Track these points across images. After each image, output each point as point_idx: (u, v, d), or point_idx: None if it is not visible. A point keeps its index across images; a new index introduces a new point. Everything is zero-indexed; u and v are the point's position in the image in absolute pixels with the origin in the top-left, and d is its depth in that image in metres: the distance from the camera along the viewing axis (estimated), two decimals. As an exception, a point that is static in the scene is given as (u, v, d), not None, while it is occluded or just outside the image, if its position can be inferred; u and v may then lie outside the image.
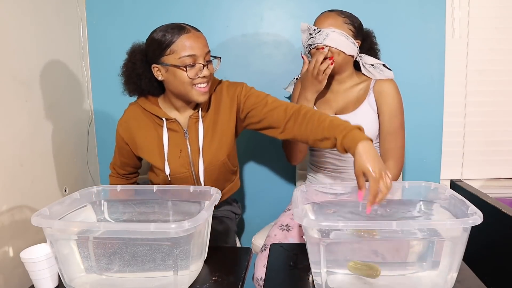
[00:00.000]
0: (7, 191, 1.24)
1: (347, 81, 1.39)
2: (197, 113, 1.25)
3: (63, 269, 0.91)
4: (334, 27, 1.30)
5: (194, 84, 1.16)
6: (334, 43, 1.29)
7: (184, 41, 1.13)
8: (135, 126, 1.29)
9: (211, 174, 1.28)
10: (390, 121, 1.33)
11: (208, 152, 1.25)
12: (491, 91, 1.78)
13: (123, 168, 1.42)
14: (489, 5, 1.73)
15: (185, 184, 1.27)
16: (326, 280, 0.86)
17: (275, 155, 1.80)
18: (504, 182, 1.83)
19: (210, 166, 1.27)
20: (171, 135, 1.25)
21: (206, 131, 1.26)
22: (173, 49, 1.13)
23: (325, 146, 1.13)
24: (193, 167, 1.27)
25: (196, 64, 1.14)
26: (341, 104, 1.38)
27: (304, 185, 1.11)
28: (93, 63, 1.82)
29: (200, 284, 0.93)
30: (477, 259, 1.09)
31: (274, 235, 1.31)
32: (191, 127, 1.25)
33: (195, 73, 1.15)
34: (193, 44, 1.14)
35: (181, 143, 1.26)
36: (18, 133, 1.31)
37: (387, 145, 1.34)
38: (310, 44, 1.33)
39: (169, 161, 1.25)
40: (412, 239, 0.89)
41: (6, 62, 1.26)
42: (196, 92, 1.17)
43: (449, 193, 0.97)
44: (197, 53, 1.14)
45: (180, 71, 1.14)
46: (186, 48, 1.13)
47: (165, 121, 1.24)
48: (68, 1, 1.67)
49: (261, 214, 1.86)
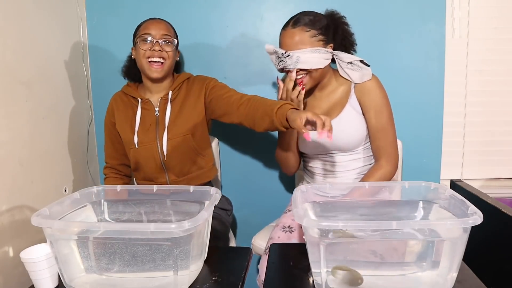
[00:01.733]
0: (7, 191, 1.24)
1: (327, 86, 1.37)
2: (167, 96, 1.44)
3: (63, 269, 0.91)
4: (303, 46, 1.25)
5: (149, 60, 1.37)
6: (307, 65, 1.25)
7: (146, 24, 1.40)
8: (116, 108, 1.49)
9: (173, 147, 1.42)
10: (376, 118, 1.30)
11: (172, 126, 1.42)
12: (491, 91, 1.78)
13: (119, 159, 1.52)
14: (489, 5, 1.73)
15: (152, 155, 1.42)
16: (326, 280, 0.86)
17: (273, 155, 1.80)
18: (504, 182, 1.83)
19: (173, 138, 1.41)
20: (143, 113, 1.44)
21: (173, 110, 1.44)
22: (139, 31, 1.40)
23: (265, 123, 1.23)
24: (159, 141, 1.42)
25: (149, 40, 1.37)
26: (324, 109, 1.37)
27: (304, 185, 1.11)
28: (93, 63, 1.82)
29: (200, 284, 0.93)
30: (477, 259, 1.09)
31: (278, 237, 1.30)
32: (161, 107, 1.44)
33: (148, 47, 1.37)
34: (151, 25, 1.39)
35: (151, 120, 1.44)
36: (18, 133, 1.31)
37: (377, 143, 1.32)
38: (282, 68, 1.30)
39: (138, 133, 1.43)
40: (412, 239, 0.89)
41: (6, 62, 1.26)
42: (150, 68, 1.38)
43: (449, 193, 0.97)
44: (152, 32, 1.37)
45: (138, 47, 1.38)
46: (144, 28, 1.39)
47: (140, 101, 1.45)
48: (68, 1, 1.67)
49: (261, 214, 1.86)
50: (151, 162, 1.43)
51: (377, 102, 1.30)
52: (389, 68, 1.68)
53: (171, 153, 1.42)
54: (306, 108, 1.41)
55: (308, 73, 1.28)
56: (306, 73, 1.28)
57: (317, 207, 1.07)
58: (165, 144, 1.41)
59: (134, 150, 1.44)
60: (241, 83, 1.79)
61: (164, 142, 1.41)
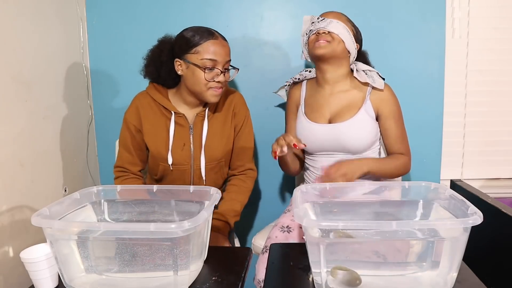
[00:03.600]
0: (7, 191, 1.24)
1: (341, 82, 1.38)
2: (203, 112, 1.34)
3: (63, 269, 0.91)
4: (338, 20, 1.32)
5: (209, 86, 1.25)
6: (336, 30, 1.30)
7: (209, 45, 1.24)
8: (143, 114, 1.34)
9: (210, 170, 1.36)
10: (396, 125, 1.36)
11: (209, 148, 1.33)
12: (491, 91, 1.78)
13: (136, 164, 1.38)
14: (489, 5, 1.73)
15: (184, 177, 1.36)
16: (326, 280, 0.86)
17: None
18: (504, 182, 1.83)
19: (210, 163, 1.34)
20: (177, 129, 1.33)
21: (210, 129, 1.34)
22: (198, 50, 1.24)
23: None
24: (193, 161, 1.33)
25: (215, 69, 1.25)
26: (334, 109, 1.37)
27: (304, 185, 1.11)
28: (93, 63, 1.82)
29: (200, 284, 0.93)
30: (477, 259, 1.09)
31: (275, 237, 1.30)
32: (197, 124, 1.34)
33: (212, 76, 1.25)
34: (217, 50, 1.24)
35: (185, 137, 1.33)
36: (18, 133, 1.31)
37: (398, 146, 1.37)
38: (311, 29, 1.33)
39: (172, 152, 1.31)
40: (412, 239, 0.89)
41: (6, 62, 1.26)
42: (209, 93, 1.27)
43: (449, 193, 0.97)
44: (218, 59, 1.24)
45: (199, 71, 1.24)
46: (210, 52, 1.23)
47: (173, 114, 1.32)
48: (68, 1, 1.67)
49: (261, 214, 1.87)
50: (180, 182, 1.36)
51: (395, 110, 1.36)
52: (389, 68, 1.67)
53: (208, 175, 1.35)
54: (314, 107, 1.41)
55: (331, 40, 1.30)
56: (330, 40, 1.30)
57: (317, 207, 1.07)
58: (203, 167, 1.33)
59: (166, 168, 1.34)
60: (241, 83, 1.79)
61: (202, 165, 1.33)
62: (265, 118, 1.80)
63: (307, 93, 1.46)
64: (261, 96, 1.79)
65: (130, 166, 1.38)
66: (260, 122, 1.80)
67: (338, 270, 0.86)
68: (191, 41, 1.24)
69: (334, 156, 1.38)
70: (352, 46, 1.34)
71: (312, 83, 1.46)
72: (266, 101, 1.80)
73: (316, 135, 1.37)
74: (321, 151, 1.40)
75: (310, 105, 1.42)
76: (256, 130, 1.52)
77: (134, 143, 1.36)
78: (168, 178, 1.38)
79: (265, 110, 1.81)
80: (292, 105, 1.49)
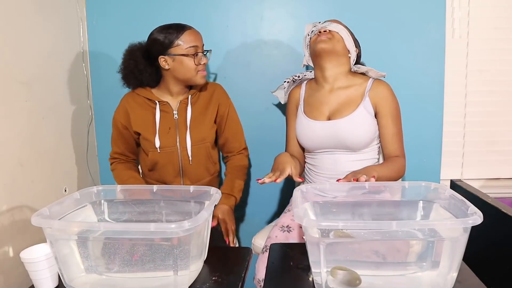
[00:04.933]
0: (7, 191, 1.24)
1: (340, 80, 1.39)
2: (187, 99, 1.47)
3: (63, 269, 0.91)
4: (338, 24, 1.39)
5: (197, 70, 1.41)
6: (336, 29, 1.36)
7: (187, 35, 1.39)
8: (130, 109, 1.47)
9: (197, 151, 1.47)
10: (394, 124, 1.35)
11: (194, 131, 1.46)
12: (491, 91, 1.78)
13: (126, 154, 1.53)
14: (489, 5, 1.73)
15: (172, 159, 1.46)
16: (326, 280, 0.86)
17: (274, 155, 1.80)
18: (504, 182, 1.83)
19: (196, 143, 1.46)
20: (162, 115, 1.46)
21: (194, 113, 1.47)
22: (179, 42, 1.38)
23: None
24: (180, 144, 1.45)
25: (199, 53, 1.40)
26: (333, 106, 1.38)
27: (304, 185, 1.11)
28: (93, 63, 1.82)
29: (200, 284, 0.93)
30: (477, 259, 1.08)
31: (275, 237, 1.31)
32: (181, 109, 1.47)
33: (198, 60, 1.40)
34: (195, 37, 1.40)
35: (170, 122, 1.46)
36: (18, 133, 1.31)
37: (394, 145, 1.36)
38: (313, 30, 1.39)
39: (160, 135, 1.44)
40: (412, 239, 0.89)
41: (6, 62, 1.26)
42: (199, 76, 1.42)
43: (449, 193, 0.97)
44: (198, 45, 1.41)
45: (187, 59, 1.39)
46: (191, 40, 1.39)
47: (158, 103, 1.46)
48: (68, 1, 1.67)
49: (261, 214, 1.87)
50: (170, 166, 1.46)
51: (393, 108, 1.36)
52: (389, 68, 1.67)
53: (194, 158, 1.46)
54: (313, 105, 1.41)
55: (332, 37, 1.34)
56: (330, 37, 1.35)
57: (317, 207, 1.07)
58: (189, 148, 1.45)
59: (155, 153, 1.45)
60: (241, 83, 1.80)
61: (188, 147, 1.45)
62: (265, 118, 1.80)
63: (306, 92, 1.46)
64: (261, 96, 1.79)
65: (121, 156, 1.53)
66: (260, 122, 1.80)
67: (338, 270, 0.86)
68: (169, 38, 1.38)
69: (334, 153, 1.38)
70: (351, 45, 1.37)
71: (311, 83, 1.47)
72: (266, 101, 1.80)
73: (315, 133, 1.37)
74: (321, 149, 1.40)
75: (309, 104, 1.42)
76: (256, 130, 1.52)
77: (123, 139, 1.50)
78: (159, 164, 1.47)
79: (265, 110, 1.81)
80: (292, 106, 1.50)
